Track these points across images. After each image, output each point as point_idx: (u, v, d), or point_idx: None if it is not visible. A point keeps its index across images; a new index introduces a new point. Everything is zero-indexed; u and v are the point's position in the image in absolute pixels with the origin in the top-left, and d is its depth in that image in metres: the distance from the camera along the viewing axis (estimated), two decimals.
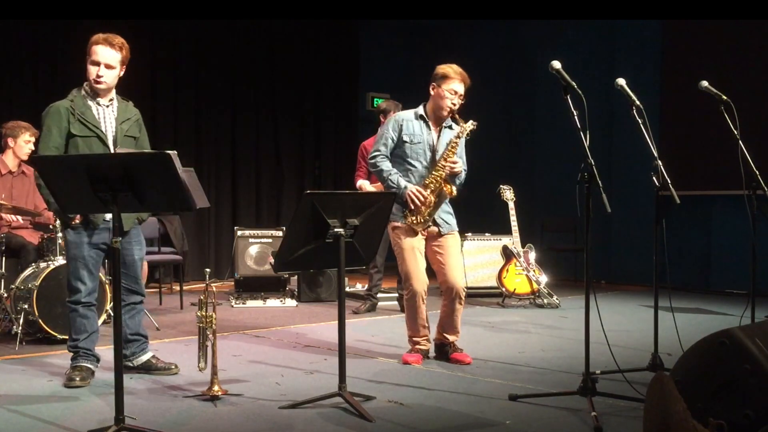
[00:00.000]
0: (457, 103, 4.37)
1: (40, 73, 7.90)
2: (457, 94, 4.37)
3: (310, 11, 8.77)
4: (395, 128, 4.47)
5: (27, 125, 5.67)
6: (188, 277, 8.37)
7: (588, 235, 3.53)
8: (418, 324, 4.51)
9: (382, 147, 4.48)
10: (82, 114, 3.92)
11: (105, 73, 3.91)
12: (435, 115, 4.47)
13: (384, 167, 4.45)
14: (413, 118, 4.49)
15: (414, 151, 4.44)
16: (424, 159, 4.43)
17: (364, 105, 10.66)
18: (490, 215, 8.19)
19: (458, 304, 4.48)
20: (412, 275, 4.41)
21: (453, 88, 4.35)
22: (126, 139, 4.04)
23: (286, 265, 3.87)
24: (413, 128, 4.46)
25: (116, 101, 4.07)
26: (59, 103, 3.95)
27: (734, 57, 7.92)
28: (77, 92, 4.00)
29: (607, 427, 3.22)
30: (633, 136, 4.25)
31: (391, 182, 4.41)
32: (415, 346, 4.57)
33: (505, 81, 10.05)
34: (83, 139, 3.90)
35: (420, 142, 4.44)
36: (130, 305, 4.12)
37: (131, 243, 4.08)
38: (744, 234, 5.14)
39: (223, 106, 9.34)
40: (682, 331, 4.37)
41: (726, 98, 4.32)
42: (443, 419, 3.40)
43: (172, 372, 4.15)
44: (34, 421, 3.32)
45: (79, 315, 4.00)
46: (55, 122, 3.89)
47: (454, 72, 4.36)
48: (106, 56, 3.90)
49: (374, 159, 4.49)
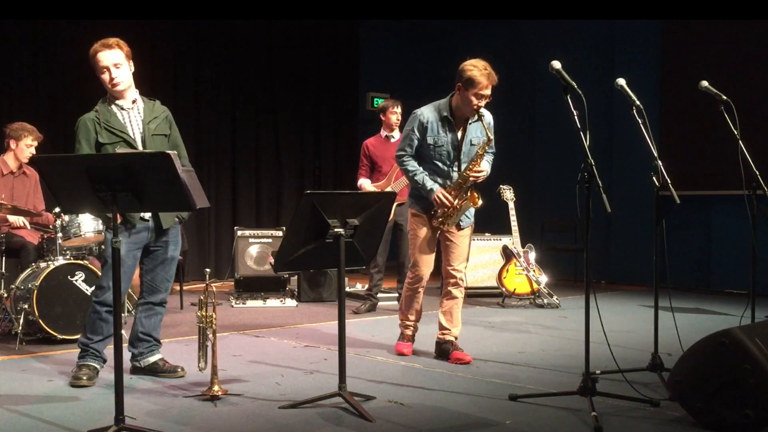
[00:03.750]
0: (483, 103, 4.37)
1: (40, 73, 7.89)
2: (486, 97, 4.35)
3: (310, 11, 8.77)
4: (419, 129, 4.47)
5: (32, 129, 5.66)
6: (188, 277, 8.35)
7: (588, 235, 3.53)
8: (412, 308, 4.71)
9: (407, 147, 4.52)
10: (107, 122, 3.94)
11: (117, 74, 3.94)
12: (459, 113, 4.45)
13: (410, 167, 4.51)
14: (437, 119, 4.46)
15: (438, 153, 4.47)
16: (448, 159, 4.48)
17: (364, 105, 10.66)
18: (490, 215, 8.17)
19: (457, 292, 4.58)
20: (420, 261, 4.55)
21: (481, 93, 4.30)
22: (155, 137, 4.04)
23: (286, 265, 3.87)
24: (437, 130, 4.45)
25: (140, 102, 4.07)
26: (86, 116, 3.99)
27: (734, 57, 7.92)
28: (101, 103, 4.03)
29: (607, 427, 3.22)
30: (633, 136, 4.25)
31: (418, 182, 4.48)
32: (405, 330, 4.77)
33: (505, 81, 10.01)
34: (111, 146, 3.92)
35: (443, 144, 4.46)
36: (149, 304, 4.12)
37: (168, 242, 4.09)
38: (744, 234, 5.14)
39: (223, 106, 9.34)
40: (682, 331, 4.37)
41: (726, 98, 4.31)
42: (443, 419, 3.40)
43: (178, 375, 4.10)
44: (34, 421, 3.32)
45: (101, 318, 3.96)
46: (84, 135, 3.94)
47: (483, 76, 4.27)
48: (109, 58, 3.93)
49: (401, 159, 4.56)
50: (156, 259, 4.09)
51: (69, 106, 7.61)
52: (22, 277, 5.14)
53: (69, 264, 5.09)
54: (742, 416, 3.05)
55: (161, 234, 4.05)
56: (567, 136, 4.07)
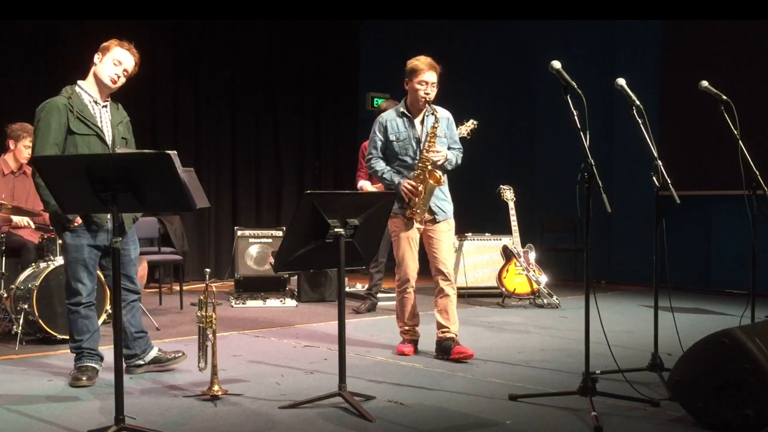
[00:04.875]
0: (431, 92, 4.59)
1: (40, 73, 7.89)
2: (429, 84, 4.56)
3: (310, 11, 8.77)
4: (380, 130, 4.73)
5: (32, 130, 5.65)
6: (188, 277, 8.36)
7: (588, 235, 3.53)
8: (407, 312, 4.73)
9: (373, 150, 4.75)
10: (81, 111, 3.92)
11: (122, 76, 4.01)
12: (414, 108, 4.67)
13: (378, 167, 4.71)
14: (395, 117, 4.70)
15: (402, 148, 4.66)
16: (413, 152, 4.65)
17: (364, 105, 10.66)
18: (490, 215, 8.20)
19: (448, 288, 4.62)
20: (403, 262, 4.66)
21: (423, 79, 4.54)
22: (121, 141, 4.07)
23: (286, 265, 3.87)
24: (397, 126, 4.68)
25: (109, 103, 4.09)
26: (56, 99, 3.94)
27: (734, 57, 7.92)
28: (71, 90, 3.99)
29: (607, 427, 3.22)
30: (633, 136, 4.25)
31: (386, 180, 4.69)
32: (406, 335, 4.78)
33: (505, 81, 10.04)
34: (82, 137, 3.89)
35: (405, 138, 4.65)
36: (129, 304, 4.12)
37: (128, 243, 4.09)
38: (744, 234, 5.13)
39: (223, 106, 9.34)
40: (682, 331, 4.37)
41: (726, 98, 4.31)
42: (443, 419, 3.40)
43: (180, 359, 4.23)
44: (34, 421, 3.32)
45: (81, 316, 3.99)
46: (55, 118, 3.86)
47: (421, 63, 4.57)
48: (127, 61, 4.01)
49: (369, 162, 4.78)
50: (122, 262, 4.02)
51: None
52: (22, 277, 5.14)
53: None
54: (742, 416, 3.05)
55: (122, 235, 3.98)
56: (567, 136, 4.06)
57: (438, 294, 4.65)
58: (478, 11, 8.83)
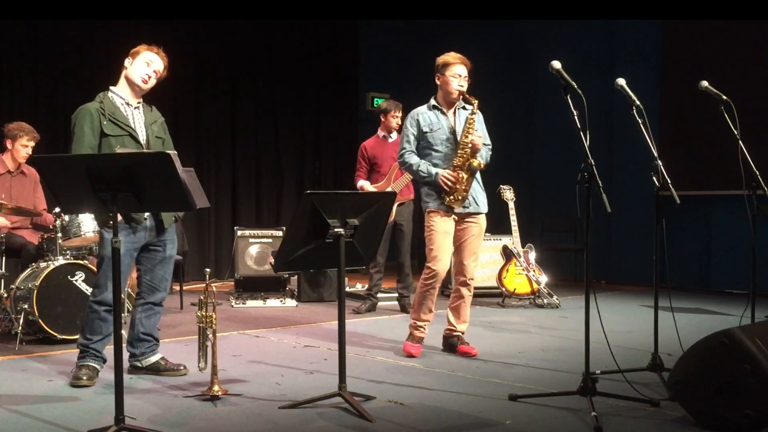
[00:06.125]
0: (464, 85, 4.61)
1: (40, 73, 7.89)
2: (462, 77, 4.59)
3: (310, 11, 8.76)
4: (413, 123, 4.69)
5: (29, 129, 5.66)
6: (188, 277, 8.35)
7: (588, 235, 3.53)
8: (425, 307, 4.68)
9: (406, 144, 4.70)
10: (112, 114, 3.98)
11: (153, 77, 4.10)
12: (446, 102, 4.67)
13: (412, 161, 4.65)
14: (427, 110, 4.71)
15: (437, 138, 4.64)
16: (448, 142, 4.63)
17: (364, 105, 10.66)
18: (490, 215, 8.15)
19: (465, 290, 4.68)
20: (437, 257, 4.57)
21: (456, 72, 4.58)
22: (157, 140, 4.12)
23: (286, 265, 3.87)
24: (429, 118, 4.67)
25: (142, 105, 4.15)
26: (88, 105, 4.01)
27: (734, 57, 7.92)
28: (103, 95, 4.06)
29: (607, 427, 3.22)
30: (633, 136, 4.25)
31: (422, 173, 4.61)
32: (414, 332, 4.74)
33: (505, 81, 10.04)
34: (116, 138, 3.95)
35: (440, 129, 4.64)
36: (149, 304, 4.13)
37: (166, 241, 4.12)
38: (744, 234, 5.13)
39: (223, 106, 9.34)
40: (682, 331, 4.37)
41: (726, 98, 4.31)
42: (443, 419, 3.40)
43: (180, 373, 4.12)
44: (34, 421, 3.32)
45: (99, 317, 3.96)
46: (87, 122, 3.94)
47: (453, 57, 4.61)
48: (158, 64, 4.13)
49: (402, 157, 4.71)
50: (155, 258, 4.10)
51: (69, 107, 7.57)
52: (22, 277, 5.14)
53: (69, 264, 5.09)
54: (742, 416, 3.05)
55: (161, 233, 4.07)
56: (567, 136, 4.07)
57: (455, 292, 4.73)
58: (478, 11, 8.83)
